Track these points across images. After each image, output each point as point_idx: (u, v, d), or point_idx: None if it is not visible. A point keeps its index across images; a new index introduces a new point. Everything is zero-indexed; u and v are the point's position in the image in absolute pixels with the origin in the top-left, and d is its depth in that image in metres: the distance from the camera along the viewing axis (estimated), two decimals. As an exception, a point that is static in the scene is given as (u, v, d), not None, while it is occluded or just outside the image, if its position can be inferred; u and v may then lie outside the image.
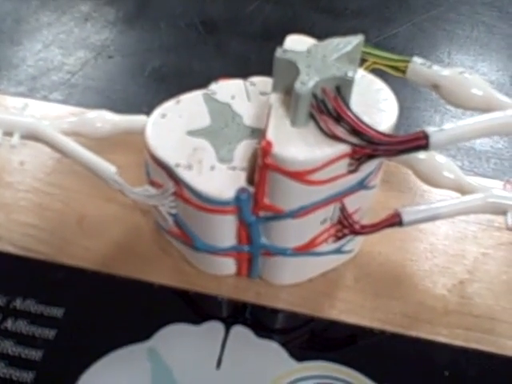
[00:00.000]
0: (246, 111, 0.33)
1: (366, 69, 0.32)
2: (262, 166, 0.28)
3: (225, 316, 0.34)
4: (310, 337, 0.34)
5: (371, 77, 0.32)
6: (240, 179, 0.30)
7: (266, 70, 0.53)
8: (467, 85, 0.30)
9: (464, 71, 0.31)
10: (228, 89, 0.34)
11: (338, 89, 0.28)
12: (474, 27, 0.56)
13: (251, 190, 0.30)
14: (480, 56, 0.54)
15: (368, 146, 0.28)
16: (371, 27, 0.56)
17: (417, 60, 0.31)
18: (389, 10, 0.58)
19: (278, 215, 0.30)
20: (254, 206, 0.30)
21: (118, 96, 0.48)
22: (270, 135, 0.28)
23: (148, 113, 0.42)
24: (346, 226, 0.32)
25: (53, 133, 0.33)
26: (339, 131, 0.28)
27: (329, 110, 0.28)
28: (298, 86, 0.27)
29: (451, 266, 0.36)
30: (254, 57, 0.52)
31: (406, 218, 0.31)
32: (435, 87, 0.31)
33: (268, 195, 0.30)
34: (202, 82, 0.54)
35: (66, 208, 0.38)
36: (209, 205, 0.30)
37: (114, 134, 0.36)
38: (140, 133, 0.36)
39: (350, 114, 0.28)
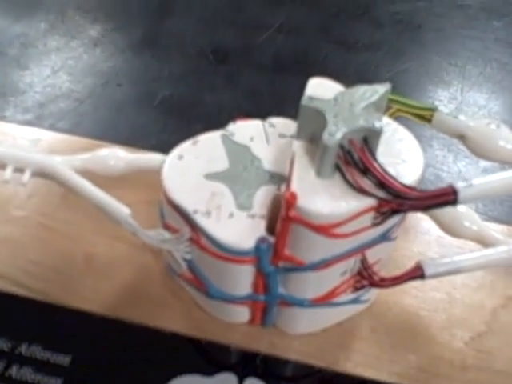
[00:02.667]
0: (266, 155, 0.32)
1: (391, 116, 0.31)
2: (285, 218, 0.27)
3: (238, 367, 0.32)
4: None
5: (395, 125, 0.31)
6: (260, 228, 0.29)
7: (277, 103, 0.53)
8: (494, 137, 0.30)
9: (491, 122, 0.30)
10: (246, 130, 0.33)
11: (365, 140, 0.27)
12: (486, 64, 0.56)
13: (271, 240, 0.29)
14: (493, 94, 0.53)
15: (394, 201, 0.27)
16: (383, 61, 0.55)
17: (442, 109, 0.30)
18: (400, 44, 0.57)
19: (298, 267, 0.29)
20: (274, 257, 0.29)
21: (126, 126, 0.47)
22: (295, 186, 0.27)
23: (157, 146, 0.41)
24: (365, 278, 0.31)
25: (65, 171, 0.32)
26: (366, 184, 0.27)
27: (355, 161, 0.27)
28: (325, 137, 0.26)
29: (469, 317, 0.35)
30: (266, 89, 0.51)
31: (428, 271, 0.30)
32: (461, 138, 0.30)
33: (289, 246, 0.29)
34: (212, 114, 0.54)
35: (73, 245, 0.37)
36: (227, 254, 0.29)
37: (127, 172, 0.35)
38: (154, 172, 0.35)
39: (377, 166, 0.27)
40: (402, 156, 0.29)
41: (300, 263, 0.29)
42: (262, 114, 0.49)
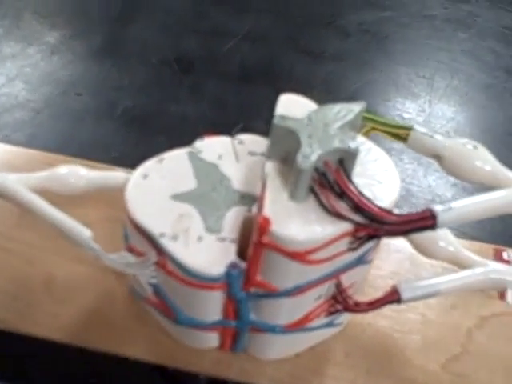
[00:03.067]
0: (235, 174, 0.31)
1: (365, 134, 0.30)
2: (258, 244, 0.26)
3: (208, 396, 0.31)
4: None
5: (370, 144, 0.30)
6: (230, 252, 0.28)
7: (244, 113, 0.51)
8: (471, 157, 0.29)
9: (468, 142, 0.29)
10: (215, 147, 0.32)
11: (340, 161, 0.26)
12: (453, 75, 0.56)
13: (242, 265, 0.27)
14: (460, 106, 0.53)
15: (371, 225, 0.26)
16: (350, 71, 0.55)
17: (418, 129, 0.29)
18: (367, 54, 0.56)
19: (271, 293, 0.28)
20: (245, 283, 0.28)
21: (86, 138, 0.45)
22: (268, 210, 0.26)
23: (118, 158, 0.39)
24: (339, 302, 0.30)
25: (20, 190, 0.30)
26: (341, 208, 0.26)
27: (331, 184, 0.26)
28: (299, 159, 0.25)
29: (444, 338, 0.34)
30: (232, 99, 0.50)
31: (404, 295, 0.29)
32: (437, 158, 0.29)
33: (261, 272, 0.27)
34: (176, 126, 0.52)
35: (31, 268, 0.35)
36: (195, 280, 0.27)
37: (88, 190, 0.33)
38: (117, 190, 0.33)
39: (353, 189, 0.26)
40: (378, 177, 0.28)
41: (273, 290, 0.28)
42: (229, 125, 0.48)
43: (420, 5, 0.59)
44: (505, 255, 0.38)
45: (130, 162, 0.35)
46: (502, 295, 0.36)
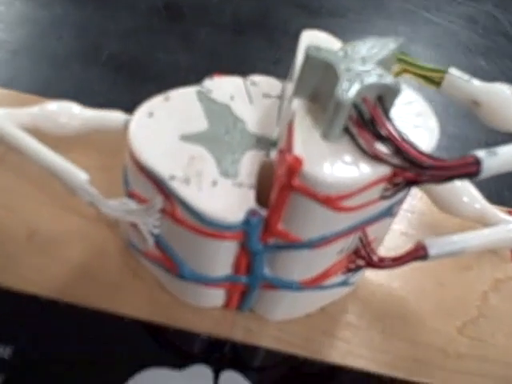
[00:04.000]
0: (249, 116, 0.28)
1: (396, 76, 0.27)
2: (285, 187, 0.23)
3: (212, 358, 0.28)
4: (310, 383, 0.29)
5: (403, 86, 0.27)
6: (249, 199, 0.25)
7: (238, 65, 0.48)
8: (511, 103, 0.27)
9: (509, 87, 0.27)
10: (226, 87, 0.29)
11: (379, 99, 0.23)
12: (452, 38, 0.54)
13: (263, 212, 0.25)
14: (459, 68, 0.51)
15: (412, 170, 0.23)
16: (348, 28, 0.52)
17: (454, 72, 0.27)
18: (366, 12, 0.54)
19: (293, 244, 0.25)
20: (265, 233, 0.25)
21: (70, 83, 0.41)
22: (299, 150, 0.23)
23: (105, 105, 0.36)
24: (362, 257, 0.27)
25: (9, 127, 0.26)
26: (379, 150, 0.23)
27: (368, 123, 0.23)
28: (339, 93, 0.22)
29: (459, 301, 0.33)
30: (224, 50, 0.46)
31: (431, 251, 0.27)
32: (474, 104, 0.27)
33: (284, 220, 0.25)
34: (167, 74, 0.48)
35: (13, 218, 0.31)
36: (209, 228, 0.25)
37: (81, 132, 0.29)
38: (116, 132, 0.30)
39: (393, 130, 0.23)
40: (413, 121, 0.26)
41: (295, 240, 0.25)
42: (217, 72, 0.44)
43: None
44: (516, 218, 0.36)
45: (118, 108, 0.32)
46: (514, 258, 0.35)
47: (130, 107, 0.31)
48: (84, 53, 0.44)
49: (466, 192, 0.31)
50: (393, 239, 0.34)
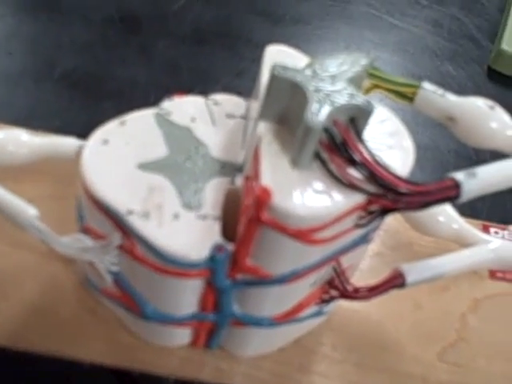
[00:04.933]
0: (212, 139, 0.26)
1: (366, 93, 0.25)
2: (253, 220, 0.21)
3: (179, 403, 0.26)
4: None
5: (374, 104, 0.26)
6: (213, 232, 0.23)
7: (199, 78, 0.46)
8: (488, 119, 0.25)
9: (485, 102, 0.25)
10: (186, 108, 0.27)
11: (351, 121, 0.22)
12: (417, 44, 0.53)
13: (229, 247, 0.23)
14: (427, 74, 0.50)
15: (388, 197, 0.22)
16: (313, 35, 0.50)
17: (428, 86, 0.25)
18: (329, 18, 0.52)
19: (263, 280, 0.23)
20: (232, 268, 0.23)
21: (22, 104, 0.39)
22: (267, 180, 0.21)
23: (62, 128, 0.33)
24: (336, 288, 0.26)
25: None
26: (354, 176, 0.21)
27: (341, 147, 0.21)
28: (309, 117, 0.20)
29: (437, 324, 0.31)
30: (185, 62, 0.44)
31: (409, 278, 0.26)
32: (449, 121, 0.26)
33: (253, 255, 0.23)
34: (124, 90, 0.46)
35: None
36: (172, 266, 0.23)
37: (31, 161, 0.27)
38: (67, 160, 0.27)
39: (367, 154, 0.21)
40: (387, 141, 0.24)
41: (265, 276, 0.23)
42: (183, 91, 0.42)
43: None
44: (492, 231, 0.35)
45: (75, 130, 0.30)
46: (492, 274, 0.34)
47: (86, 128, 0.29)
48: (36, 70, 0.41)
49: (441, 211, 0.29)
50: (366, 260, 0.32)
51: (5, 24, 0.43)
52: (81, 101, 0.40)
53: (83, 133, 0.30)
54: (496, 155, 0.43)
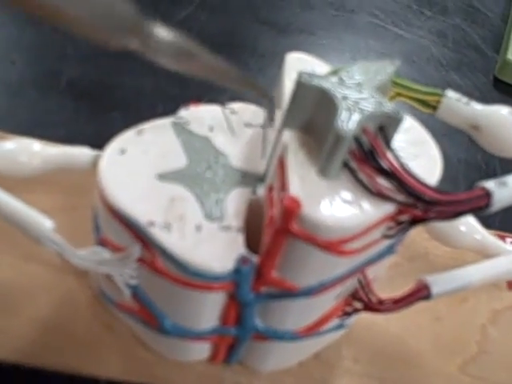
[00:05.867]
0: (232, 149, 0.25)
1: (390, 100, 0.25)
2: (280, 231, 0.21)
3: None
4: None
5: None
6: (237, 244, 0.22)
7: (207, 88, 0.45)
8: (513, 128, 0.25)
9: (510, 111, 0.25)
10: (204, 118, 0.26)
11: (380, 129, 0.21)
12: (422, 53, 0.52)
13: (254, 259, 0.22)
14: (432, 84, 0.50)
15: (420, 207, 0.21)
16: (318, 45, 0.50)
17: (451, 94, 0.25)
18: (335, 29, 0.52)
19: (288, 293, 0.23)
20: (256, 281, 0.22)
21: (26, 114, 0.38)
22: (295, 190, 0.20)
23: (68, 137, 0.33)
24: (360, 300, 0.25)
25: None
26: (383, 186, 0.21)
27: (372, 157, 0.21)
28: (339, 125, 0.20)
29: (458, 337, 0.30)
30: (191, 72, 0.43)
31: (434, 290, 0.25)
32: (474, 129, 0.25)
33: (278, 267, 0.22)
34: (131, 100, 0.45)
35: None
36: (195, 280, 0.22)
37: (44, 172, 0.26)
38: (83, 170, 0.27)
39: (397, 163, 0.21)
40: (413, 150, 0.24)
41: (291, 288, 0.22)
42: (191, 101, 0.42)
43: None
44: (508, 242, 0.35)
45: (82, 141, 0.29)
46: (510, 285, 0.33)
47: (93, 139, 0.28)
48: (40, 79, 0.41)
49: (464, 221, 0.29)
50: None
51: (7, 33, 0.42)
52: (86, 111, 0.39)
53: (90, 143, 0.29)
54: (506, 164, 0.43)
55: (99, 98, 0.41)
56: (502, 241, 0.34)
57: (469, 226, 0.29)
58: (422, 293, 0.25)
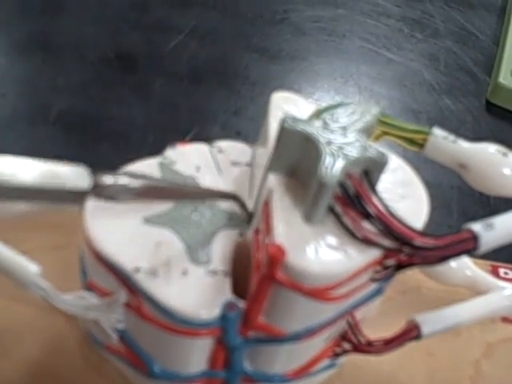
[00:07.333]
0: (218, 188, 0.25)
1: (375, 140, 0.25)
2: (266, 278, 0.20)
3: None
4: None
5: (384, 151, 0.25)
6: (224, 289, 0.22)
7: (197, 117, 0.45)
8: (501, 165, 0.25)
9: (498, 149, 0.25)
10: (190, 157, 0.26)
11: (365, 173, 0.21)
12: (414, 77, 0.53)
13: (241, 305, 0.22)
14: (425, 107, 0.50)
15: (406, 251, 0.21)
16: (309, 71, 0.50)
17: (438, 132, 0.25)
18: (326, 54, 0.52)
19: (275, 338, 0.22)
20: (244, 326, 0.22)
21: (17, 147, 0.38)
22: (281, 237, 0.20)
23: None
24: (349, 341, 0.25)
25: None
26: (369, 231, 0.21)
27: (355, 202, 0.21)
28: (323, 171, 0.20)
29: (451, 372, 0.30)
30: (181, 101, 0.44)
31: (425, 330, 0.25)
32: (461, 167, 0.25)
33: (265, 313, 0.22)
34: (121, 131, 0.45)
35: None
36: (182, 326, 0.22)
37: (31, 212, 0.26)
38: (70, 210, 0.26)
39: (382, 207, 0.21)
40: (399, 191, 0.24)
41: (278, 334, 0.22)
42: (181, 130, 0.42)
43: (372, 3, 0.55)
44: (501, 272, 0.34)
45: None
46: (505, 318, 0.33)
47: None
48: (31, 111, 0.41)
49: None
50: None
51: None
52: (77, 144, 0.39)
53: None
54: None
55: (89, 129, 0.40)
56: (496, 271, 0.34)
57: (459, 261, 0.29)
58: (412, 333, 0.25)
